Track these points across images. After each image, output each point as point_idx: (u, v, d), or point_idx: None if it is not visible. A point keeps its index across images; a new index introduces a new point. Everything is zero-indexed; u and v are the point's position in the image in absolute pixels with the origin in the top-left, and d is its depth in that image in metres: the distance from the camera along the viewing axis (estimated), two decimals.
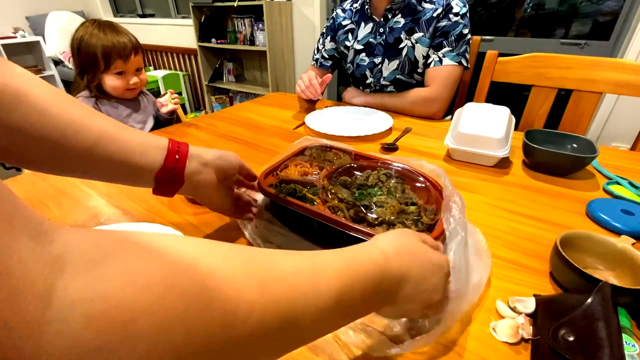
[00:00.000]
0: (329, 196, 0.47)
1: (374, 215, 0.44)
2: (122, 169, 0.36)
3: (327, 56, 1.24)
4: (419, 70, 1.07)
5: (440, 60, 1.02)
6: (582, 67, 0.98)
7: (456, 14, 0.99)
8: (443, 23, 1.00)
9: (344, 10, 1.18)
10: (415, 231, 0.35)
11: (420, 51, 1.04)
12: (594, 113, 1.19)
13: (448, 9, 1.00)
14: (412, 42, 1.04)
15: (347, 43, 1.16)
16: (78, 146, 0.34)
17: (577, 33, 1.81)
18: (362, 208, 0.45)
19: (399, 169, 0.54)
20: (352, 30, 1.14)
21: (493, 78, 1.12)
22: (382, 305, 0.29)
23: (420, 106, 1.04)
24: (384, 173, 0.53)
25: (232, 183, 0.48)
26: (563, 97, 1.02)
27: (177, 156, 0.39)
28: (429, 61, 1.04)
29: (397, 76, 1.10)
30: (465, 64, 1.03)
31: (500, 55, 1.11)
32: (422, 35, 1.02)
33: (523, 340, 0.35)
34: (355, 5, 1.14)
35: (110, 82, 0.98)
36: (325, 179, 0.51)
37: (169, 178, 0.39)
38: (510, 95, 1.48)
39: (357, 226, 0.41)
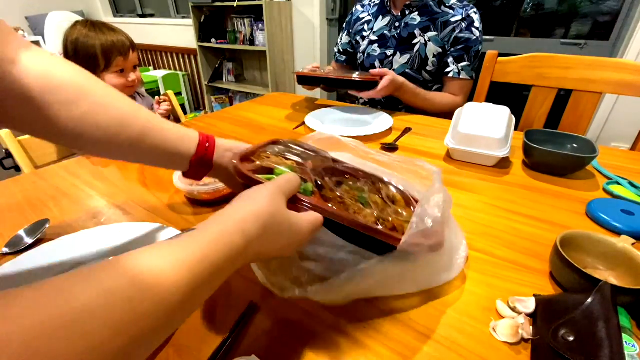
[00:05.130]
0: (335, 194, 0.42)
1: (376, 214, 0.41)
2: (164, 155, 0.42)
3: (342, 50, 1.30)
4: (428, 68, 1.10)
5: (459, 73, 1.07)
6: (582, 67, 0.98)
7: (477, 29, 1.04)
8: (466, 35, 1.04)
9: (363, 5, 1.24)
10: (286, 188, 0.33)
11: (431, 49, 1.07)
12: (594, 113, 1.19)
13: (469, 20, 1.03)
14: (425, 40, 1.07)
15: (364, 33, 1.20)
16: (127, 136, 0.39)
17: (577, 33, 1.81)
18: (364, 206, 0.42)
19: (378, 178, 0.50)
20: (369, 22, 1.19)
21: (493, 78, 1.12)
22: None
23: (444, 109, 1.09)
24: (367, 180, 0.49)
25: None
26: (563, 97, 1.03)
27: (207, 145, 0.44)
28: (447, 70, 1.08)
29: (406, 70, 1.13)
30: (474, 77, 1.11)
31: (500, 55, 1.11)
32: (436, 35, 1.06)
33: (523, 340, 0.35)
34: (375, 0, 1.19)
35: (111, 80, 0.98)
36: (319, 174, 0.44)
37: (200, 163, 0.44)
38: (510, 95, 1.48)
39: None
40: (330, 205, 0.37)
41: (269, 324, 0.37)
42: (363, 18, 1.21)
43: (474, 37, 1.04)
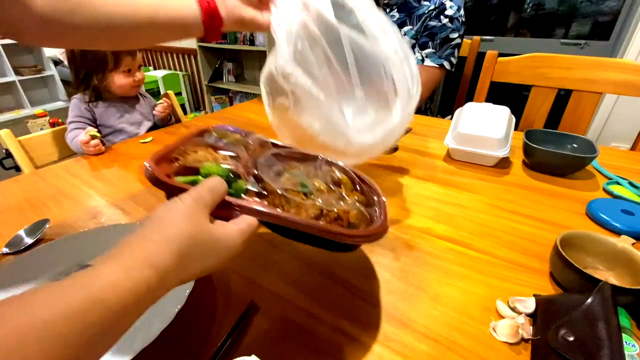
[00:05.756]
0: (274, 187, 0.36)
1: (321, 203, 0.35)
2: (179, 25, 0.45)
3: None
4: None
5: (422, 60, 1.05)
6: (582, 67, 0.98)
7: (447, 16, 1.02)
8: (433, 23, 1.03)
9: None
10: (209, 199, 0.29)
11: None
12: (594, 113, 1.19)
13: (441, 8, 1.03)
14: (401, 34, 1.08)
15: None
16: (143, 13, 0.43)
17: (577, 33, 1.81)
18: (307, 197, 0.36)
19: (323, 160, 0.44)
20: None
21: (493, 78, 1.12)
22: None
23: None
24: (310, 163, 0.43)
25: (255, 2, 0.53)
26: (563, 97, 1.03)
27: (207, 1, 0.46)
28: None
29: None
30: (448, 67, 1.06)
31: (500, 55, 1.11)
32: (411, 28, 1.07)
33: (523, 340, 0.35)
34: None
35: (120, 80, 1.00)
36: (257, 165, 0.38)
37: (210, 21, 0.47)
38: (510, 95, 1.48)
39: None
40: (267, 202, 0.34)
41: (269, 324, 0.37)
42: None
43: (440, 24, 1.02)
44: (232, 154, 0.39)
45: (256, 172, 0.37)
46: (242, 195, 0.33)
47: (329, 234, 0.31)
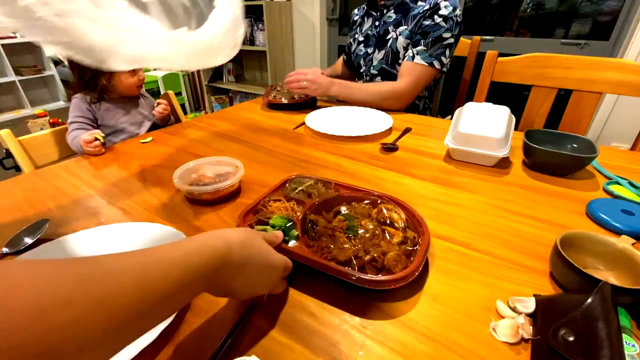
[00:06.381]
0: (327, 229, 0.46)
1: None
2: None
3: (345, 52, 1.40)
4: (400, 61, 1.13)
5: (413, 57, 1.06)
6: (582, 67, 0.98)
7: (441, 16, 1.02)
8: (427, 22, 1.04)
9: (358, 9, 1.31)
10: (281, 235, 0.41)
11: (401, 43, 1.10)
12: (594, 113, 1.19)
13: (435, 8, 1.03)
14: (396, 34, 1.10)
15: (356, 35, 1.27)
16: None
17: (577, 33, 1.81)
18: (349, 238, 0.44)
19: (380, 198, 0.51)
20: (360, 24, 1.26)
21: (493, 78, 1.12)
22: (221, 287, 0.33)
23: (389, 100, 1.08)
24: (367, 203, 0.51)
25: None
26: (563, 97, 1.03)
27: None
28: (404, 54, 1.11)
29: (383, 66, 1.16)
30: (438, 66, 1.05)
31: (500, 55, 1.11)
32: (405, 28, 1.08)
33: (523, 340, 0.35)
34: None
35: (127, 79, 1.01)
36: (317, 209, 0.49)
37: None
38: (510, 95, 1.48)
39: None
40: (317, 244, 0.43)
41: (269, 324, 0.37)
42: (357, 21, 1.28)
43: (434, 23, 1.02)
44: (300, 197, 0.51)
45: (313, 216, 0.47)
46: (293, 240, 0.44)
47: (339, 274, 0.39)
